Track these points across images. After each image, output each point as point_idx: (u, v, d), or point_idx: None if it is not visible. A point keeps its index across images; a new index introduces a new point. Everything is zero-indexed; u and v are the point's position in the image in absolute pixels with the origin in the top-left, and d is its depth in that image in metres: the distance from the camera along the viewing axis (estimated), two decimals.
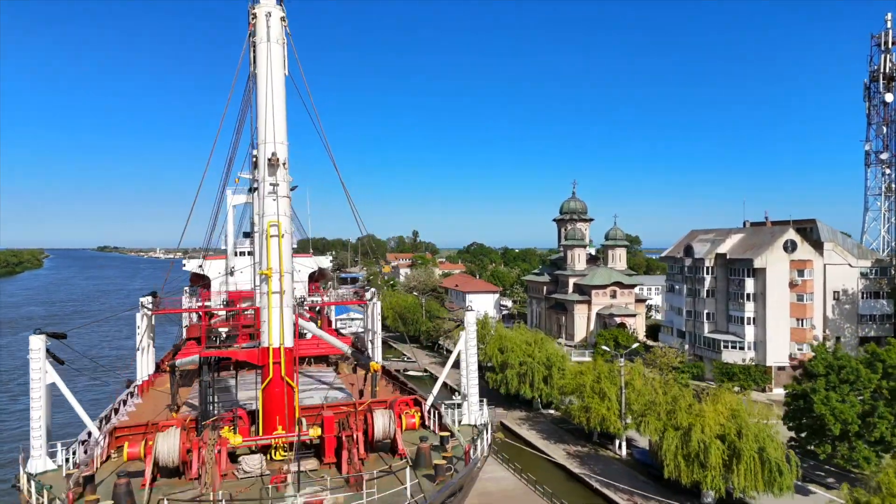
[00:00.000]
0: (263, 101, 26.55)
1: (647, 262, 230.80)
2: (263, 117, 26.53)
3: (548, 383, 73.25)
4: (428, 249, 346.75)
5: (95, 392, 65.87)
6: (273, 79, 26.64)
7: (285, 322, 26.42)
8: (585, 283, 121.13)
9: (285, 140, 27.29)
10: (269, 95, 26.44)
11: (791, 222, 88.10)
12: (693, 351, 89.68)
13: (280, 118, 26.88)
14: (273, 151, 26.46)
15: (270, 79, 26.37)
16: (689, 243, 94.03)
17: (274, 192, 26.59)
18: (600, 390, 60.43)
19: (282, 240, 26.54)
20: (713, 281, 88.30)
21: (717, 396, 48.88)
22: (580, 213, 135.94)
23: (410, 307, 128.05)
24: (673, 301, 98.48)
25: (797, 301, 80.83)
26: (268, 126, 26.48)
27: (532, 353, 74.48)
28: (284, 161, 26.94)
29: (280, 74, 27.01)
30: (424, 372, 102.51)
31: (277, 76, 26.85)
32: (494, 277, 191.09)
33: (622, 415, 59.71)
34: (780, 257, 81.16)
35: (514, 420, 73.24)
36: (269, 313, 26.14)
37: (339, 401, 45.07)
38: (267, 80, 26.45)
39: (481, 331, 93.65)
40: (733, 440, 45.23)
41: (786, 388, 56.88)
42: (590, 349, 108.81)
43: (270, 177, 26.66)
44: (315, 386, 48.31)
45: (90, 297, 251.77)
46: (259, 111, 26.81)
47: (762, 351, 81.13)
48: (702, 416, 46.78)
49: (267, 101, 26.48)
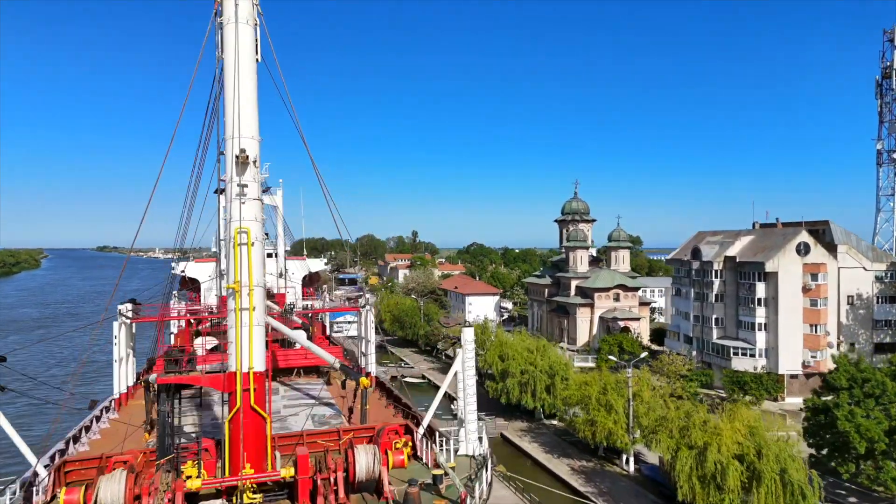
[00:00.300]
0: (231, 90, 23.24)
1: (650, 263, 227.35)
2: (231, 109, 23.21)
3: (550, 393, 69.93)
4: (427, 250, 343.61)
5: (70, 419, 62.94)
6: (242, 65, 23.30)
7: (256, 343, 23.09)
8: (588, 285, 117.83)
9: (257, 135, 23.92)
10: (236, 84, 23.12)
11: (803, 224, 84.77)
12: (701, 357, 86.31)
13: (250, 110, 23.54)
14: (242, 148, 23.14)
15: (237, 64, 23.01)
16: (697, 245, 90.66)
17: (243, 194, 23.27)
18: (606, 402, 57.10)
19: (251, 248, 23.20)
20: (722, 285, 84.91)
21: (734, 412, 45.53)
22: (582, 214, 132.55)
23: (408, 310, 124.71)
24: (679, 305, 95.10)
25: (810, 306, 77.44)
26: (235, 119, 23.15)
27: (534, 361, 71.13)
28: (255, 159, 23.62)
29: (250, 60, 23.67)
30: (422, 379, 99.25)
31: (247, 62, 23.53)
32: (494, 279, 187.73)
33: (630, 428, 56.42)
34: (793, 260, 77.77)
35: (515, 431, 69.89)
36: (237, 333, 22.81)
37: (327, 417, 41.92)
38: (234, 67, 23.11)
39: (481, 336, 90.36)
40: (752, 461, 41.95)
41: (805, 401, 53.50)
42: (593, 354, 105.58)
43: (239, 176, 23.35)
44: (301, 401, 45.07)
45: (86, 298, 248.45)
46: (227, 102, 23.49)
47: (774, 358, 77.74)
48: (718, 435, 43.47)
49: (234, 91, 23.16)
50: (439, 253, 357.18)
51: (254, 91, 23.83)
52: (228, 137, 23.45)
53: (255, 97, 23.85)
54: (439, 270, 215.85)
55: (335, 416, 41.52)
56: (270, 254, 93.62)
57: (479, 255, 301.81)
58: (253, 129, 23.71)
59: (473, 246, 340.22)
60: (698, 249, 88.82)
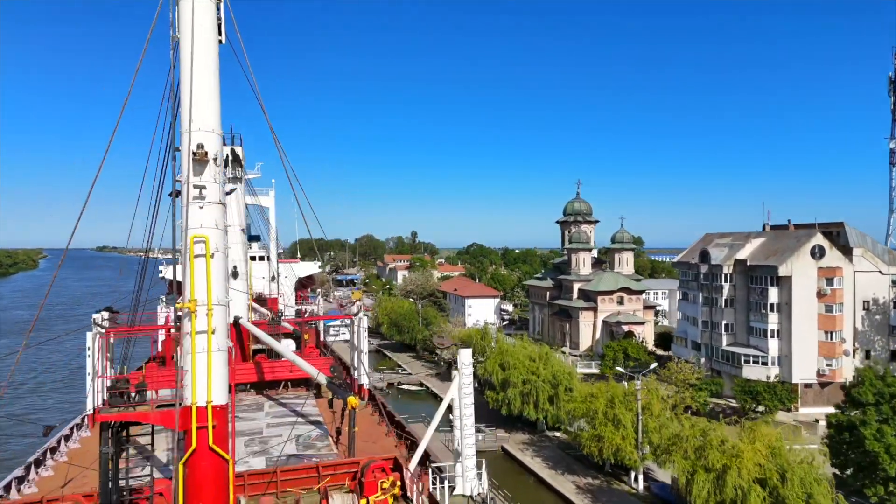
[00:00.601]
0: (187, 75, 19.84)
1: (652, 265, 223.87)
2: (187, 98, 19.80)
3: (554, 403, 66.55)
4: (427, 250, 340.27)
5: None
6: (200, 46, 19.89)
7: (216, 372, 19.69)
8: (591, 288, 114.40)
9: (218, 127, 20.52)
10: (192, 67, 19.71)
11: (816, 225, 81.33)
12: (710, 365, 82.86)
13: (209, 98, 20.16)
14: (199, 143, 19.75)
15: (193, 44, 19.58)
16: (705, 248, 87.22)
17: (200, 197, 19.88)
18: (614, 416, 53.67)
19: (210, 260, 19.80)
20: (732, 289, 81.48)
21: (754, 431, 42.11)
22: (585, 215, 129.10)
23: (407, 314, 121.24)
24: (687, 310, 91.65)
25: (826, 312, 73.98)
26: (193, 108, 19.74)
27: (537, 371, 67.72)
28: (216, 155, 20.24)
29: (211, 41, 20.27)
30: (420, 386, 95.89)
31: (207, 43, 20.14)
32: (495, 280, 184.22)
33: (639, 444, 53.02)
34: (808, 264, 74.30)
35: (517, 445, 66.45)
36: (193, 361, 19.43)
37: (313, 439, 38.56)
38: (190, 48, 19.69)
39: (481, 342, 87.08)
40: (776, 485, 38.62)
41: (828, 417, 50.03)
42: (596, 359, 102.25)
43: (196, 176, 19.94)
44: (286, 419, 41.67)
45: (80, 299, 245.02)
46: (182, 90, 20.10)
47: (787, 366, 74.31)
48: (738, 457, 40.06)
49: (190, 76, 19.74)
50: (439, 253, 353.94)
51: (215, 77, 20.39)
52: (184, 131, 20.04)
53: (216, 84, 20.41)
54: (439, 272, 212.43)
55: (322, 437, 38.18)
56: (262, 257, 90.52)
57: (479, 256, 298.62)
58: (213, 121, 20.27)
59: (473, 246, 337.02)
60: (707, 252, 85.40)
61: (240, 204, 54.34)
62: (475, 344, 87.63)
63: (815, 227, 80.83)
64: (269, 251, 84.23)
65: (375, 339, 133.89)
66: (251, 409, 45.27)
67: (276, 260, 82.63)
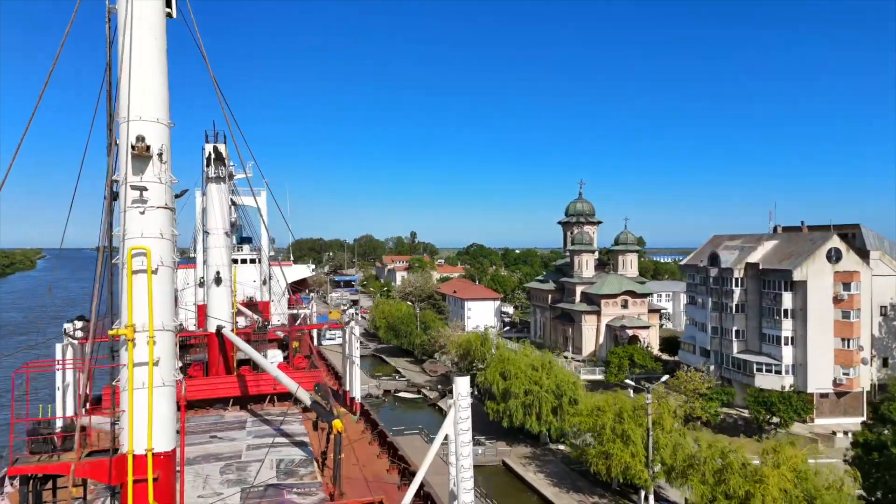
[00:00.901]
0: (126, 53, 16.43)
1: (655, 266, 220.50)
2: (125, 80, 16.40)
3: (557, 415, 63.17)
4: (427, 250, 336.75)
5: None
6: (141, 17, 16.48)
7: (159, 413, 16.28)
8: (594, 291, 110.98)
9: (164, 116, 17.09)
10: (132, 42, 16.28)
11: (832, 227, 77.91)
12: (720, 373, 79.39)
13: (153, 79, 16.74)
14: (139, 134, 16.35)
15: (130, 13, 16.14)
16: (714, 251, 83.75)
17: (141, 200, 16.47)
18: (622, 432, 50.21)
19: (153, 277, 16.39)
20: (743, 294, 77.97)
21: (779, 454, 38.67)
22: (587, 216, 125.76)
23: (404, 318, 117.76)
24: (695, 315, 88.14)
25: (842, 318, 70.50)
26: (133, 92, 16.33)
27: (539, 380, 64.28)
28: (161, 150, 16.84)
29: (154, 11, 16.84)
30: (418, 393, 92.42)
31: (150, 13, 16.71)
32: (495, 282, 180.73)
33: (650, 462, 49.58)
34: (824, 268, 70.80)
35: (518, 459, 62.99)
36: (130, 399, 16.03)
37: (296, 465, 35.11)
38: (128, 18, 16.26)
39: (481, 348, 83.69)
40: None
41: (855, 436, 46.60)
42: (600, 365, 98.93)
43: (135, 175, 16.54)
44: (269, 439, 38.20)
45: (75, 301, 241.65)
46: (121, 71, 16.67)
47: (802, 375, 70.81)
48: (761, 482, 36.69)
49: (132, 53, 16.33)
50: (439, 254, 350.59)
51: (160, 55, 16.93)
52: (122, 120, 16.60)
53: (161, 64, 16.94)
54: (438, 273, 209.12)
55: (306, 462, 34.73)
56: (253, 259, 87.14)
57: (479, 256, 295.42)
58: (158, 108, 16.80)
59: (473, 246, 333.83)
60: (716, 255, 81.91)
61: (223, 205, 50.91)
62: (475, 350, 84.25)
63: (830, 229, 77.43)
64: (262, 253, 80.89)
65: (373, 342, 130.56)
66: (233, 427, 41.81)
67: (267, 263, 79.18)
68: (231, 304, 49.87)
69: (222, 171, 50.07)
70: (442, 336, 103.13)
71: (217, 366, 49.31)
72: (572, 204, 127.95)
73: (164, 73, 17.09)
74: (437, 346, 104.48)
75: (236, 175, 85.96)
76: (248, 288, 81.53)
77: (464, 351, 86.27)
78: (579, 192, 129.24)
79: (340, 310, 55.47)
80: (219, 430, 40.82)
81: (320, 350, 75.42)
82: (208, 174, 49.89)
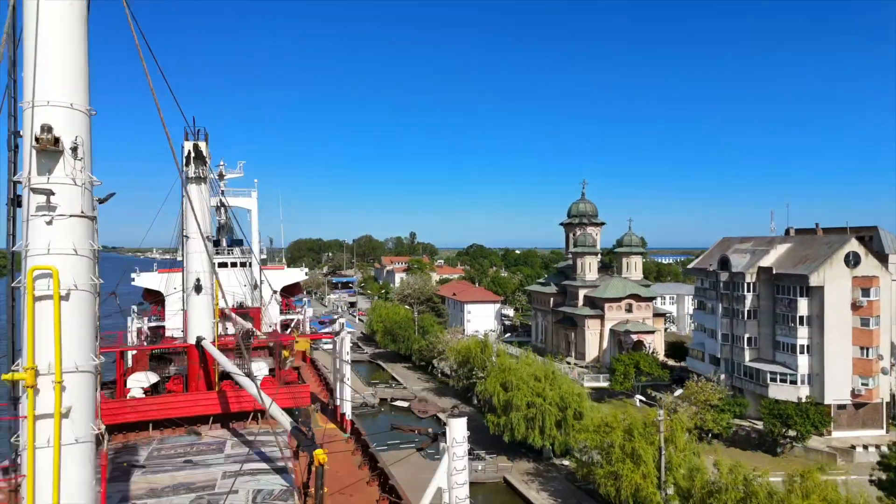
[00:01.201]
0: (31, 22, 13.02)
1: (658, 268, 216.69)
2: (31, 57, 12.98)
3: (562, 429, 59.73)
4: (426, 251, 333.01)
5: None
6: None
7: (70, 478, 12.85)
8: (597, 295, 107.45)
9: (82, 101, 13.64)
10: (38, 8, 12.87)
11: (848, 230, 74.39)
12: (730, 382, 75.84)
13: (65, 54, 13.32)
14: (45, 124, 12.94)
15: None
16: (725, 254, 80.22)
17: (48, 208, 13.05)
18: (632, 451, 46.74)
19: (61, 304, 12.95)
20: (755, 299, 74.40)
21: (807, 483, 35.17)
22: (590, 217, 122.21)
23: (402, 322, 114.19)
24: (704, 321, 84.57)
25: (861, 326, 66.99)
26: (38, 70, 12.91)
27: (542, 392, 60.81)
28: (76, 144, 13.42)
29: None
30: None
31: None
32: (495, 284, 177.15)
33: (662, 484, 46.13)
34: (841, 273, 67.26)
35: (521, 475, 59.49)
36: (30, 461, 12.62)
37: (274, 497, 31.63)
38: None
39: (480, 355, 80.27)
40: None
41: (883, 458, 43.12)
42: (604, 371, 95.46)
43: (41, 176, 13.13)
44: (248, 465, 34.64)
45: None
46: (25, 44, 13.27)
47: (818, 386, 67.27)
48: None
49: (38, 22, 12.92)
50: (438, 254, 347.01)
51: (78, 21, 13.45)
52: (26, 105, 13.14)
53: (79, 37, 13.47)
54: (437, 274, 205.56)
55: (286, 494, 31.15)
56: (244, 263, 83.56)
57: (479, 257, 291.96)
58: (73, 91, 13.32)
59: (473, 247, 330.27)
60: (727, 259, 78.37)
61: (204, 207, 47.48)
62: (474, 357, 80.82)
63: (846, 232, 73.93)
64: (253, 256, 77.37)
65: (370, 347, 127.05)
66: (210, 450, 38.25)
67: (258, 266, 75.65)
68: (213, 313, 46.47)
69: (203, 171, 46.68)
70: (441, 342, 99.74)
71: (197, 380, 45.83)
72: (575, 205, 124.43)
73: (81, 46, 13.59)
74: (436, 351, 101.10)
75: (227, 175, 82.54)
76: (239, 293, 78.10)
77: (463, 358, 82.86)
78: (582, 193, 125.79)
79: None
80: (194, 453, 37.32)
81: (313, 360, 71.86)
82: (187, 174, 46.41)
